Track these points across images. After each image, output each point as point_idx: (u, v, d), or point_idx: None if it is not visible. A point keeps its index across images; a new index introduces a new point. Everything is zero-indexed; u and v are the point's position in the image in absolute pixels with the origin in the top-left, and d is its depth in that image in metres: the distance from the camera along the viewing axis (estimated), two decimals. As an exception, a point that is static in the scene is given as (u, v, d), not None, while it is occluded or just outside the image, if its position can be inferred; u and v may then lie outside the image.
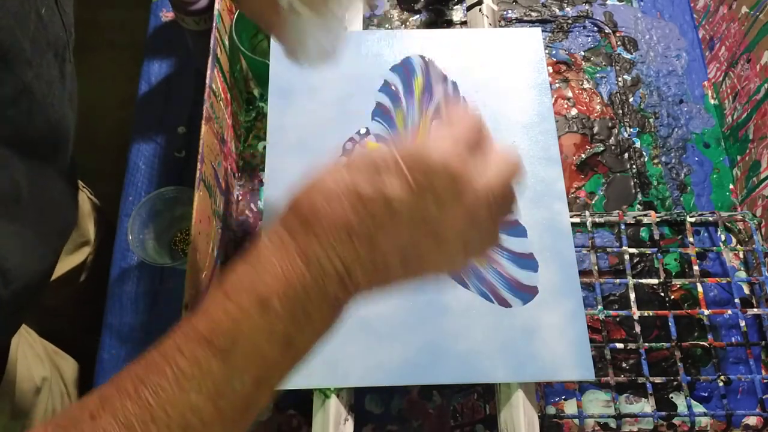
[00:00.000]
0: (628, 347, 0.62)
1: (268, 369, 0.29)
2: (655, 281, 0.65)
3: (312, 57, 0.45)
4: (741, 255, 0.69)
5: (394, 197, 0.29)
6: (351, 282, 0.30)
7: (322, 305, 0.30)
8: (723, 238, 0.67)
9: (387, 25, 0.81)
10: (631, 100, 0.77)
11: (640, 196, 0.72)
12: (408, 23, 0.82)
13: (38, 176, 0.44)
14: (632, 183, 0.72)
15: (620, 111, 0.76)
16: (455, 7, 0.83)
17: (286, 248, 0.29)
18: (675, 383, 0.62)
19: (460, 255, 0.33)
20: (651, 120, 0.76)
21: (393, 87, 0.57)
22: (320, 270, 0.29)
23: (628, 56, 0.80)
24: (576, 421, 0.60)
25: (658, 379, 0.61)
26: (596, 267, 0.65)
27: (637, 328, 0.62)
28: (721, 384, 0.61)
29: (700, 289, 0.64)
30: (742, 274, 0.68)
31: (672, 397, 0.62)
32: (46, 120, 0.43)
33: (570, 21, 0.82)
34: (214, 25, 0.63)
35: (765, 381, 0.62)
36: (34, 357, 0.63)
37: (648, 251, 0.67)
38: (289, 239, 0.29)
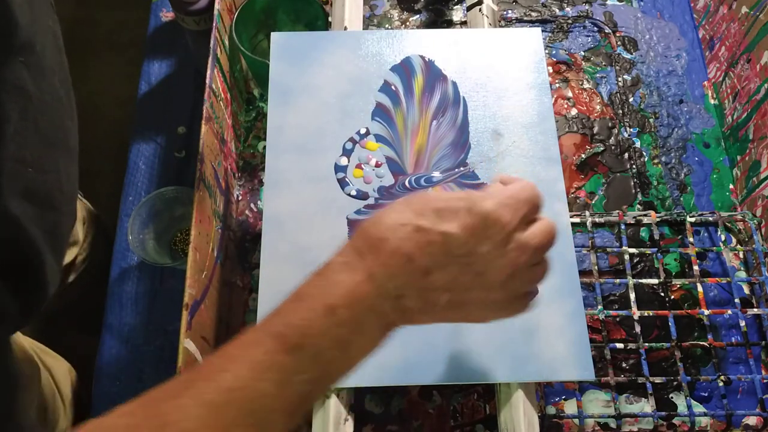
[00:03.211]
0: (628, 347, 0.62)
1: (327, 367, 0.32)
2: (655, 281, 0.65)
3: None
4: (741, 255, 0.69)
5: (452, 235, 0.33)
6: (402, 307, 0.34)
7: (377, 321, 0.34)
8: (723, 238, 0.67)
9: (387, 25, 0.81)
10: (631, 100, 0.77)
11: (640, 196, 0.72)
12: (408, 23, 0.82)
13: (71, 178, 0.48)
14: (632, 183, 0.72)
15: (620, 111, 0.76)
16: (455, 7, 0.83)
17: (354, 266, 0.33)
18: (675, 383, 0.62)
19: (500, 294, 0.36)
20: (651, 120, 0.76)
21: (393, 87, 0.57)
22: (381, 289, 0.33)
23: (628, 56, 0.80)
24: (576, 421, 0.60)
25: (658, 379, 0.61)
26: (596, 267, 0.65)
27: (637, 328, 0.62)
28: (721, 384, 0.61)
29: (700, 289, 0.64)
30: (742, 274, 0.68)
31: (672, 397, 0.62)
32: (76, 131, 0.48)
33: (570, 21, 0.82)
34: (214, 25, 0.63)
35: (765, 381, 0.62)
36: (20, 353, 0.62)
37: (648, 251, 0.67)
38: (358, 259, 0.33)
